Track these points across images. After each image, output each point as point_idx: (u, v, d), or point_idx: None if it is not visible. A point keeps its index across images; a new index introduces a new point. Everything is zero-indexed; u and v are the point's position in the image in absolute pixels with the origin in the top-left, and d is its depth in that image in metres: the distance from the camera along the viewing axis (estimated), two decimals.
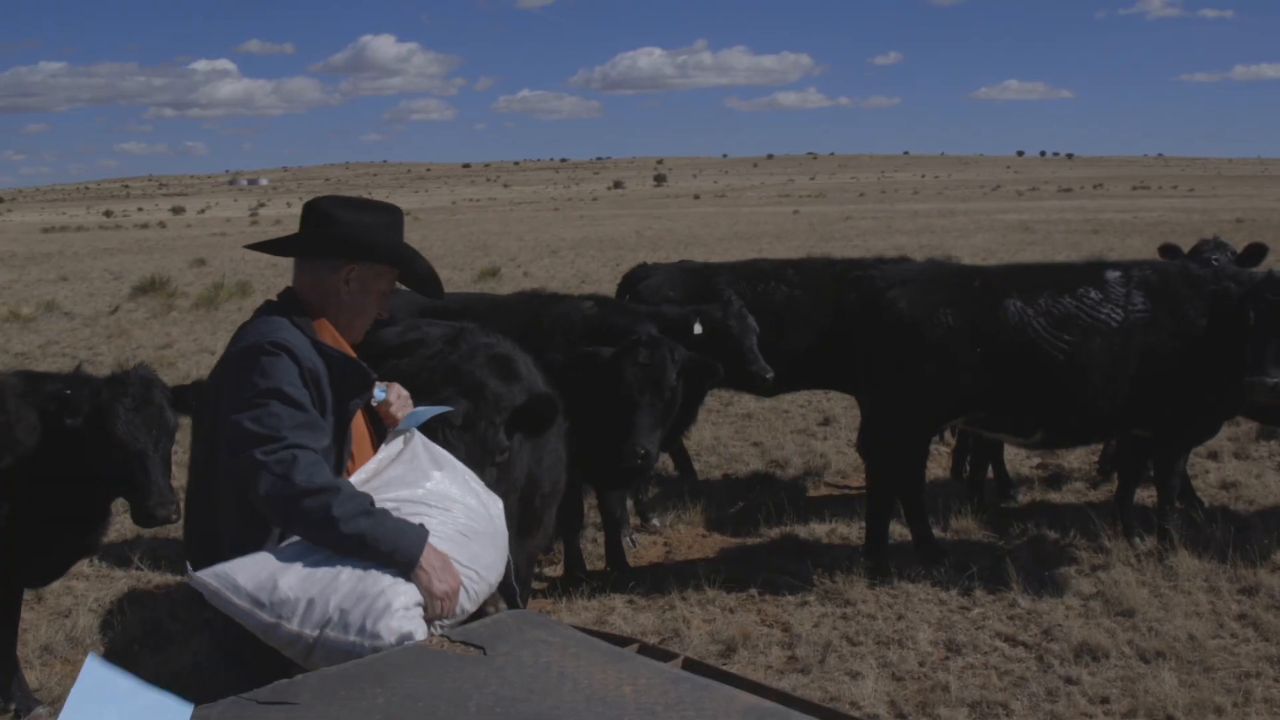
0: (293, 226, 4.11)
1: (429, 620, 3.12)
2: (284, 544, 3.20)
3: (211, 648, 3.97)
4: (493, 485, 3.80)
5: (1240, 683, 5.62)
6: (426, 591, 3.12)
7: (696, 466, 9.87)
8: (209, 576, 3.03)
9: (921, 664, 5.95)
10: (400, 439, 3.54)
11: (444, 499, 3.39)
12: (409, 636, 3.01)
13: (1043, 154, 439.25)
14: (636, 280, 9.51)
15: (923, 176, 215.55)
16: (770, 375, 7.99)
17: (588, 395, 6.32)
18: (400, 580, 3.10)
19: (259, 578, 3.03)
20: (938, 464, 9.81)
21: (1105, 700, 5.49)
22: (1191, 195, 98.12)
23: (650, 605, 6.85)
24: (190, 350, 17.09)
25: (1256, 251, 8.46)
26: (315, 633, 2.99)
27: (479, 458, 3.97)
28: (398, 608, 3.04)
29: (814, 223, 52.75)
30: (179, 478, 4.79)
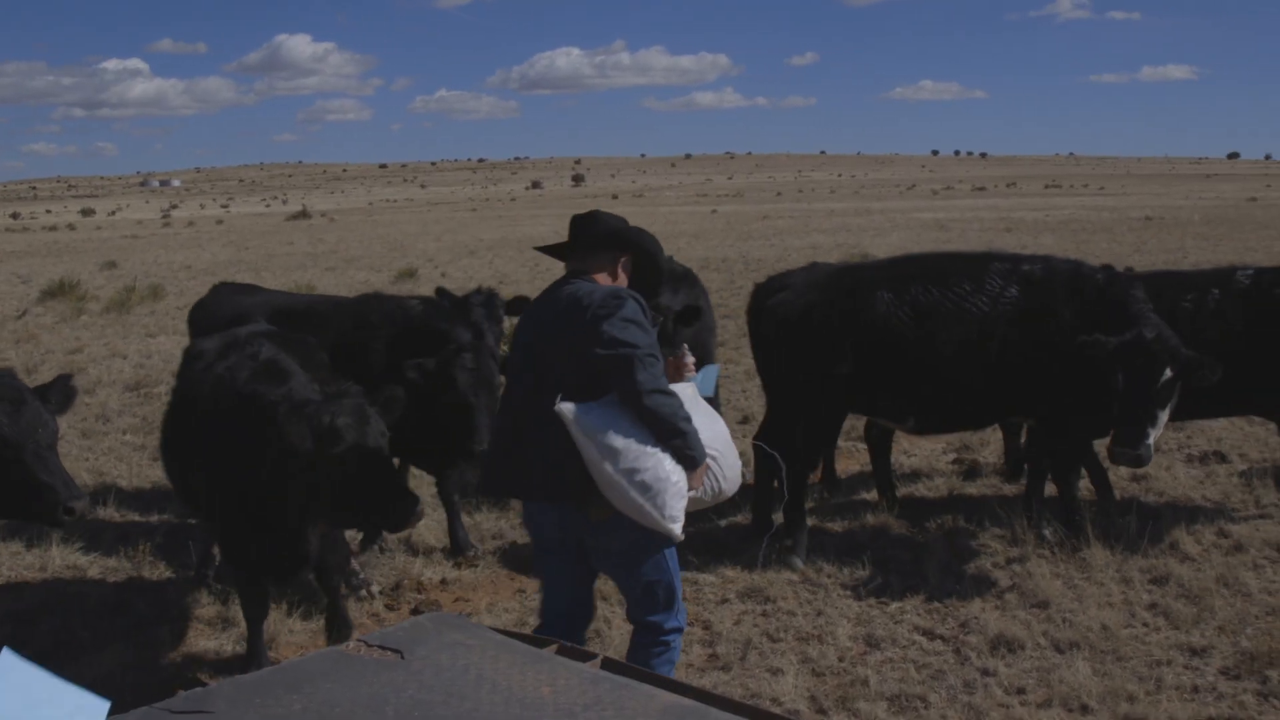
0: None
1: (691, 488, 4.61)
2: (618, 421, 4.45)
3: None
4: None
5: (1152, 670, 5.72)
6: (693, 482, 4.62)
7: None
8: (567, 410, 4.41)
9: (841, 659, 5.99)
10: (685, 385, 4.90)
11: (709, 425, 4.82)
12: (658, 519, 4.45)
13: (957, 153, 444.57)
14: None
15: (839, 176, 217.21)
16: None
17: (417, 392, 6.77)
18: (683, 472, 4.54)
19: (603, 429, 4.40)
20: (855, 460, 9.88)
21: (1021, 691, 5.56)
22: (1102, 194, 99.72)
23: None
24: (101, 355, 16.74)
25: None
26: (622, 480, 4.38)
27: None
28: (677, 494, 4.50)
29: (732, 222, 52.95)
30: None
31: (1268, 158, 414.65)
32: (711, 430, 4.79)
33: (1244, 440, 9.97)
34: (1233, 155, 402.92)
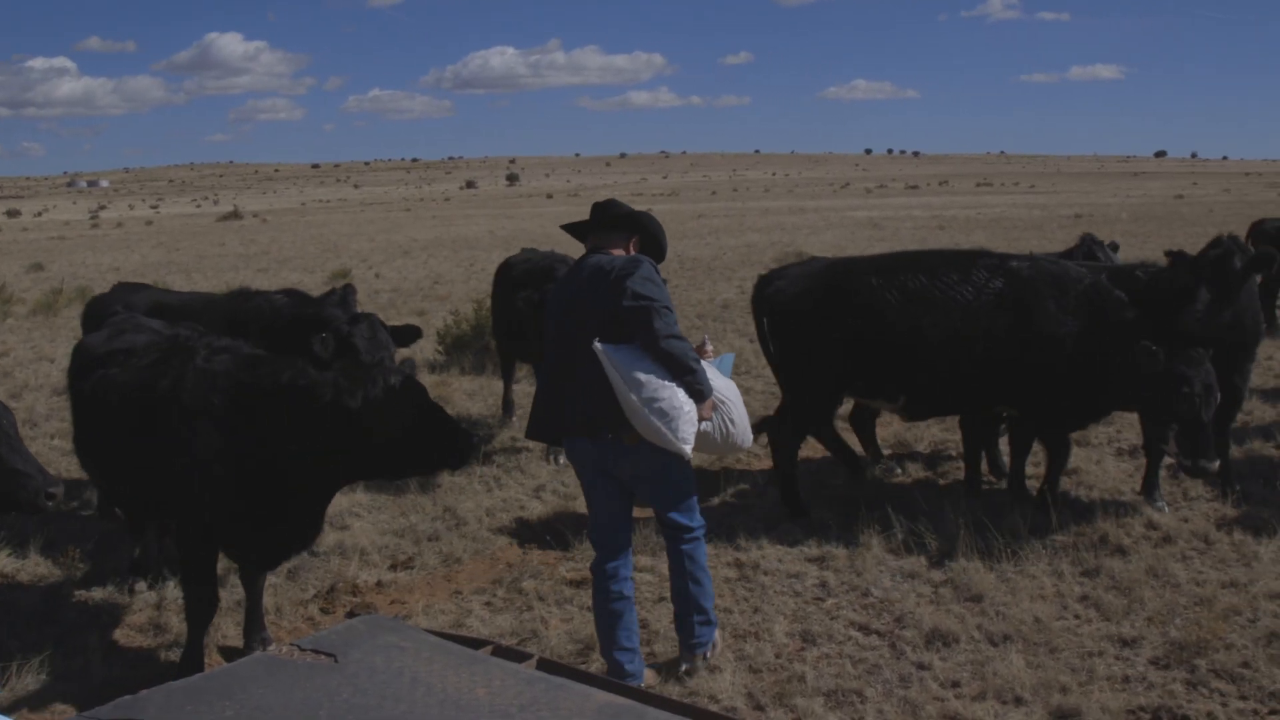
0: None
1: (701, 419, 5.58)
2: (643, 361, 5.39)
3: None
4: None
5: (1084, 661, 5.80)
6: (703, 413, 5.59)
7: (552, 466, 9.84)
8: (601, 348, 5.34)
9: (778, 656, 6.01)
10: (705, 364, 5.75)
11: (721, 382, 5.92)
12: (679, 444, 5.39)
13: (890, 152, 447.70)
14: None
15: (773, 175, 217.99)
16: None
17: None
18: (694, 405, 5.48)
19: (630, 364, 5.35)
20: (812, 447, 9.92)
21: (956, 684, 5.61)
22: (1033, 191, 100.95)
23: (508, 607, 6.80)
24: (28, 359, 16.46)
25: None
26: (644, 407, 5.31)
27: None
28: (689, 419, 5.43)
29: (667, 221, 52.74)
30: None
31: (1194, 156, 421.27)
32: (723, 385, 5.91)
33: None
34: (1160, 154, 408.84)
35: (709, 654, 5.89)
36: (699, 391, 5.50)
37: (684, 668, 5.82)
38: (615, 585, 5.75)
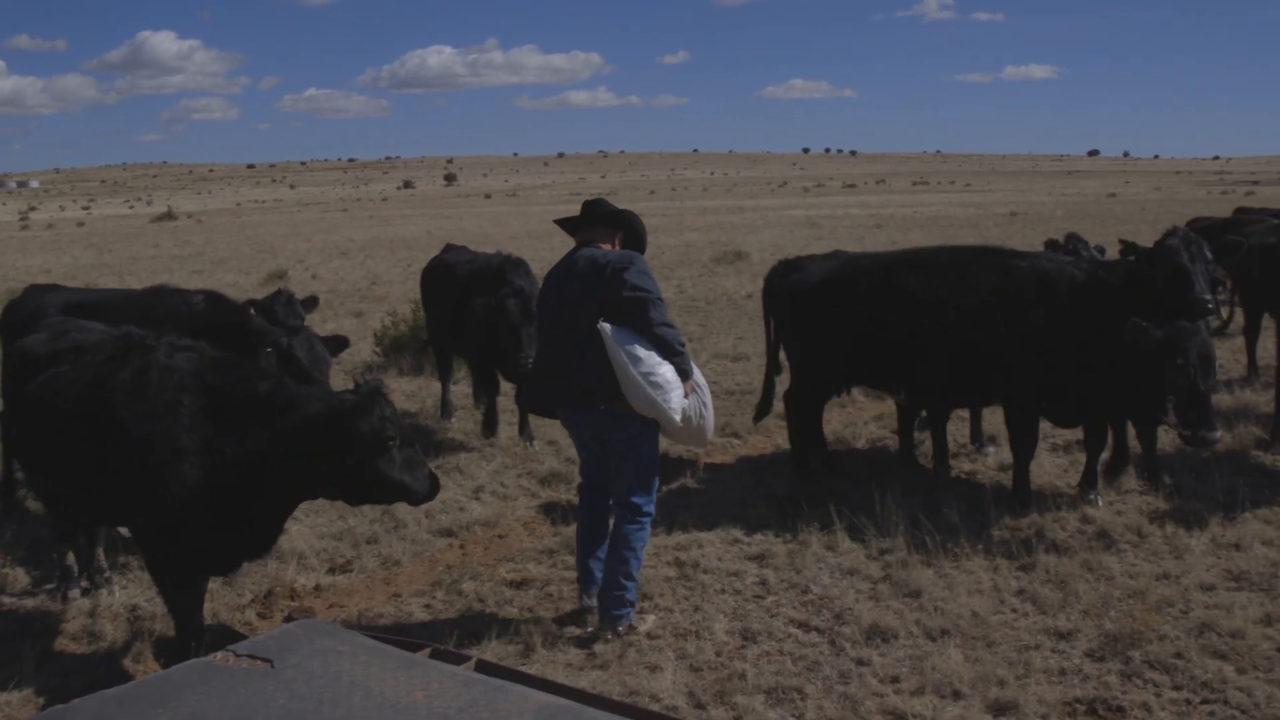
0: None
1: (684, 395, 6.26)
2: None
3: None
4: None
5: (1021, 655, 5.85)
6: (687, 390, 6.31)
7: (492, 467, 9.82)
8: (607, 328, 6.08)
9: (718, 654, 6.02)
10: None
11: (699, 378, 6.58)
12: (669, 414, 6.12)
13: (827, 151, 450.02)
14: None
15: (712, 174, 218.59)
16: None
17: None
18: (680, 382, 6.24)
19: (630, 343, 6.09)
20: (728, 454, 9.94)
21: (895, 679, 5.64)
22: (969, 190, 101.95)
23: (448, 609, 6.77)
24: None
25: None
26: (637, 375, 6.03)
27: None
28: (677, 392, 6.18)
29: None
30: None
31: (1126, 155, 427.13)
32: (699, 376, 6.56)
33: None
34: (1093, 152, 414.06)
35: (623, 629, 6.29)
36: (685, 371, 6.33)
37: (590, 630, 6.38)
38: (596, 510, 6.68)
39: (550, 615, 6.58)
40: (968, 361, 8.34)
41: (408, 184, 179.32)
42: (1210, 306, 8.02)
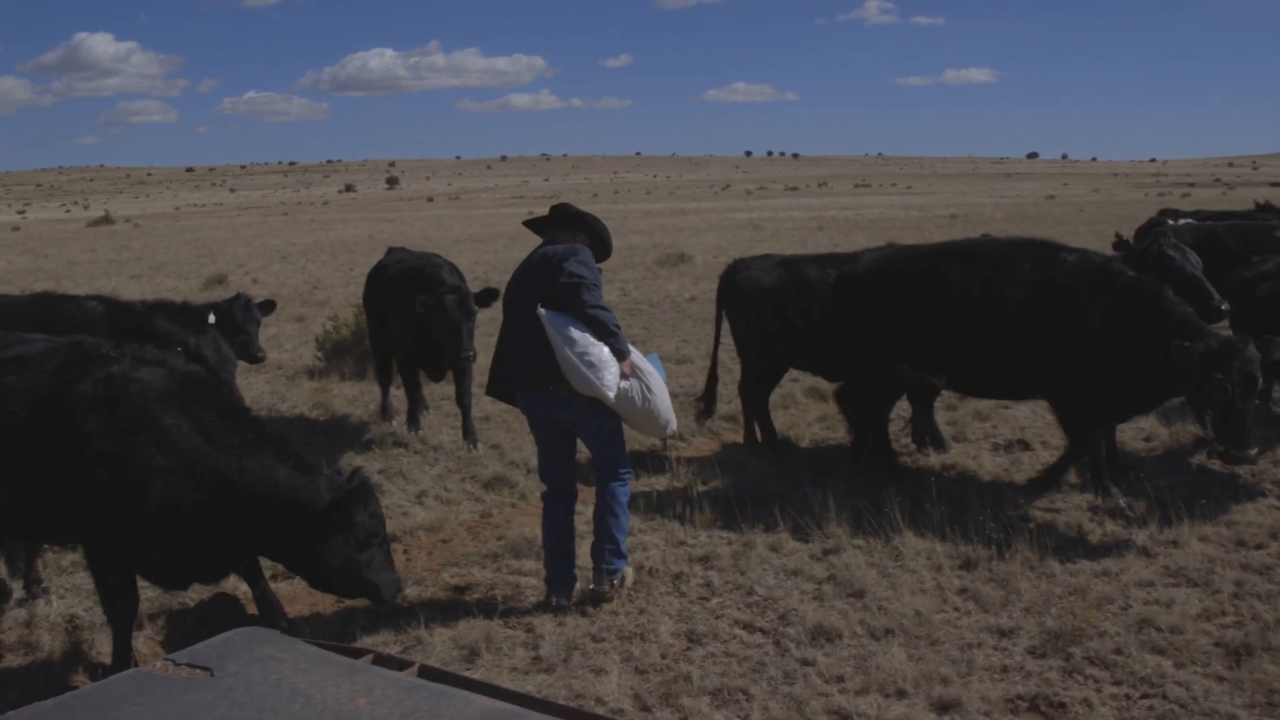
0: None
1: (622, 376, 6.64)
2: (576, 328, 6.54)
3: None
4: None
5: (964, 653, 5.90)
6: (625, 370, 6.67)
7: (435, 471, 9.77)
8: (543, 312, 6.51)
9: (664, 656, 6.02)
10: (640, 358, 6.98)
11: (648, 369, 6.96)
12: (603, 390, 6.49)
13: (770, 154, 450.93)
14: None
15: (654, 177, 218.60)
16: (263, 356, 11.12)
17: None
18: (616, 361, 6.61)
19: (565, 325, 6.53)
20: (695, 447, 9.95)
21: (840, 679, 5.66)
22: (910, 192, 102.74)
23: (391, 614, 6.71)
24: None
25: None
26: (572, 355, 6.44)
27: None
28: (612, 371, 6.55)
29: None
30: None
31: (1064, 157, 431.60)
32: (645, 364, 6.93)
33: (1045, 428, 10.33)
34: (1032, 155, 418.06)
35: (617, 582, 6.83)
36: (620, 351, 6.67)
37: (591, 587, 6.83)
38: (558, 513, 6.93)
39: (495, 619, 6.55)
40: (1012, 353, 8.43)
41: (349, 187, 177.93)
42: (1225, 309, 8.14)
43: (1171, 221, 17.19)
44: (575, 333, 6.51)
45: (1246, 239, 13.04)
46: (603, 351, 6.55)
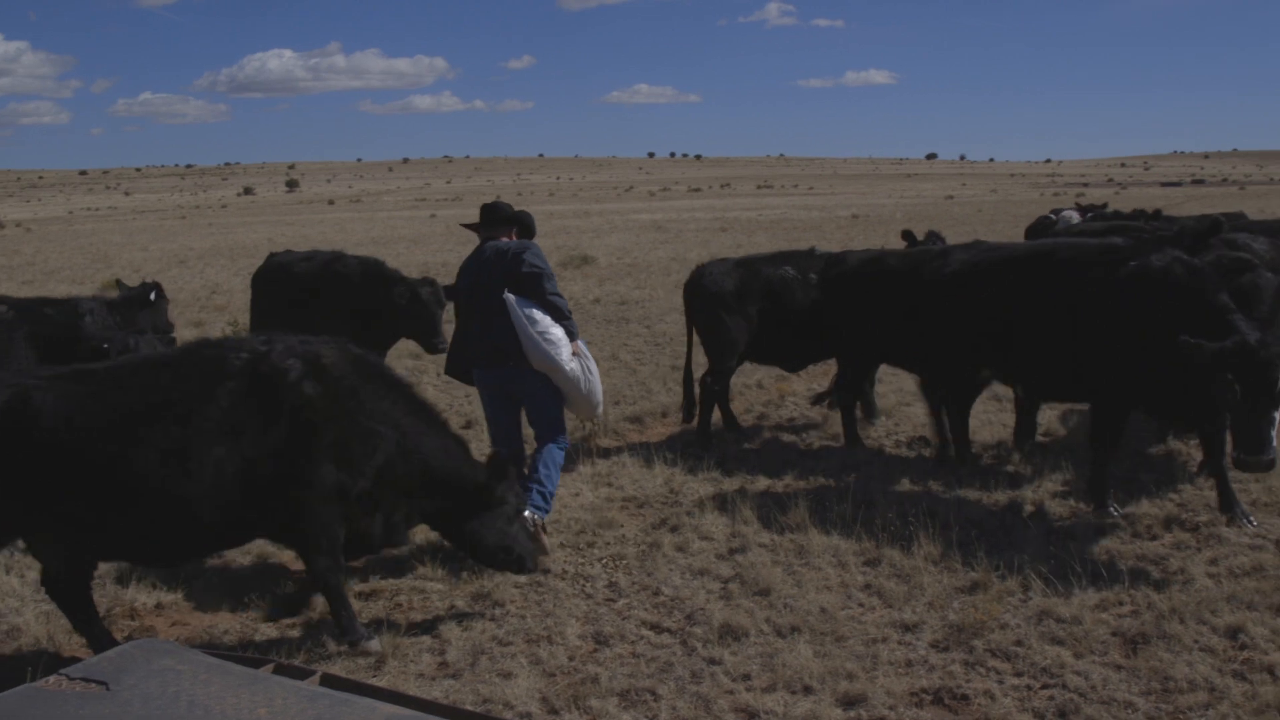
0: None
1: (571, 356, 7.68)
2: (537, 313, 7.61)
3: None
4: None
5: (869, 648, 5.96)
6: (574, 350, 7.70)
7: None
8: (511, 298, 7.55)
9: (571, 658, 6.01)
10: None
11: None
12: (559, 365, 7.52)
13: (673, 155, 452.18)
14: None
15: (558, 179, 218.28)
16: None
17: None
18: (569, 343, 7.66)
19: (528, 308, 7.58)
20: (616, 456, 9.94)
21: (747, 677, 5.69)
22: (811, 193, 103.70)
23: (294, 622, 6.62)
24: None
25: None
26: (535, 334, 7.45)
27: None
28: (566, 349, 7.60)
29: (452, 227, 52.63)
30: None
31: (962, 158, 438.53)
32: (586, 350, 7.97)
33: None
34: (931, 156, 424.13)
35: (537, 520, 7.39)
36: (572, 332, 7.78)
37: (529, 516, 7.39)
38: (551, 448, 7.84)
39: (401, 626, 6.48)
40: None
41: (248, 190, 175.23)
42: None
43: (1053, 216, 17.85)
44: (537, 314, 7.55)
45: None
46: (560, 331, 7.62)
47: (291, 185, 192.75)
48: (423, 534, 7.91)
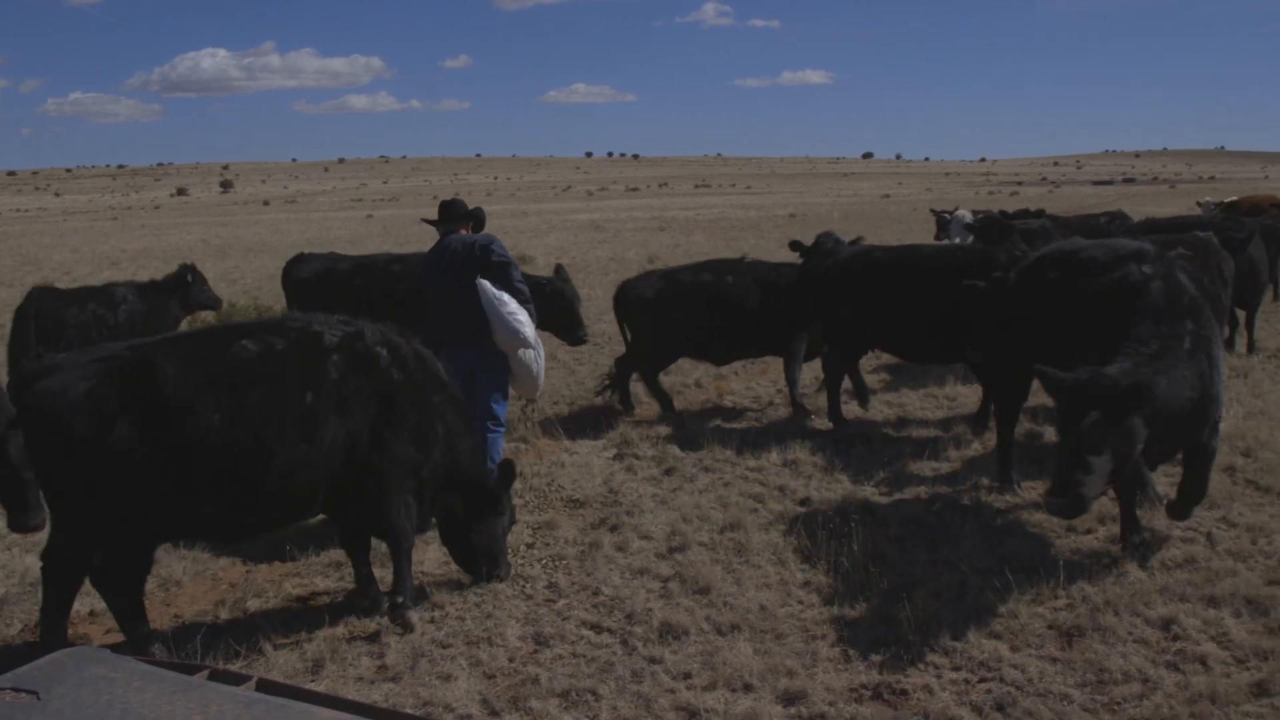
0: None
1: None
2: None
3: None
4: None
5: (809, 646, 5.99)
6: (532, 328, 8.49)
7: None
8: (485, 284, 8.37)
9: (511, 659, 6.00)
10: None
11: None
12: (527, 341, 8.38)
13: (610, 155, 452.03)
14: None
15: (495, 178, 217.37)
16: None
17: None
18: (532, 324, 8.43)
19: (500, 293, 8.34)
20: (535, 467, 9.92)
21: (688, 675, 5.70)
22: (749, 193, 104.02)
23: (232, 628, 6.55)
24: None
25: None
26: (505, 313, 8.23)
27: None
28: (531, 328, 8.41)
29: (388, 227, 52.34)
30: None
31: (898, 157, 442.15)
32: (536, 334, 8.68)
33: (875, 423, 10.54)
34: (867, 155, 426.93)
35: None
36: (533, 316, 8.59)
37: None
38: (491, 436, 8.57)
39: (340, 629, 6.44)
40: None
41: (181, 191, 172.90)
42: None
43: (948, 215, 18.21)
44: (507, 298, 8.39)
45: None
46: (525, 314, 8.46)
47: (226, 186, 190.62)
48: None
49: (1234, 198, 28.72)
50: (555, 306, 11.05)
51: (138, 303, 12.11)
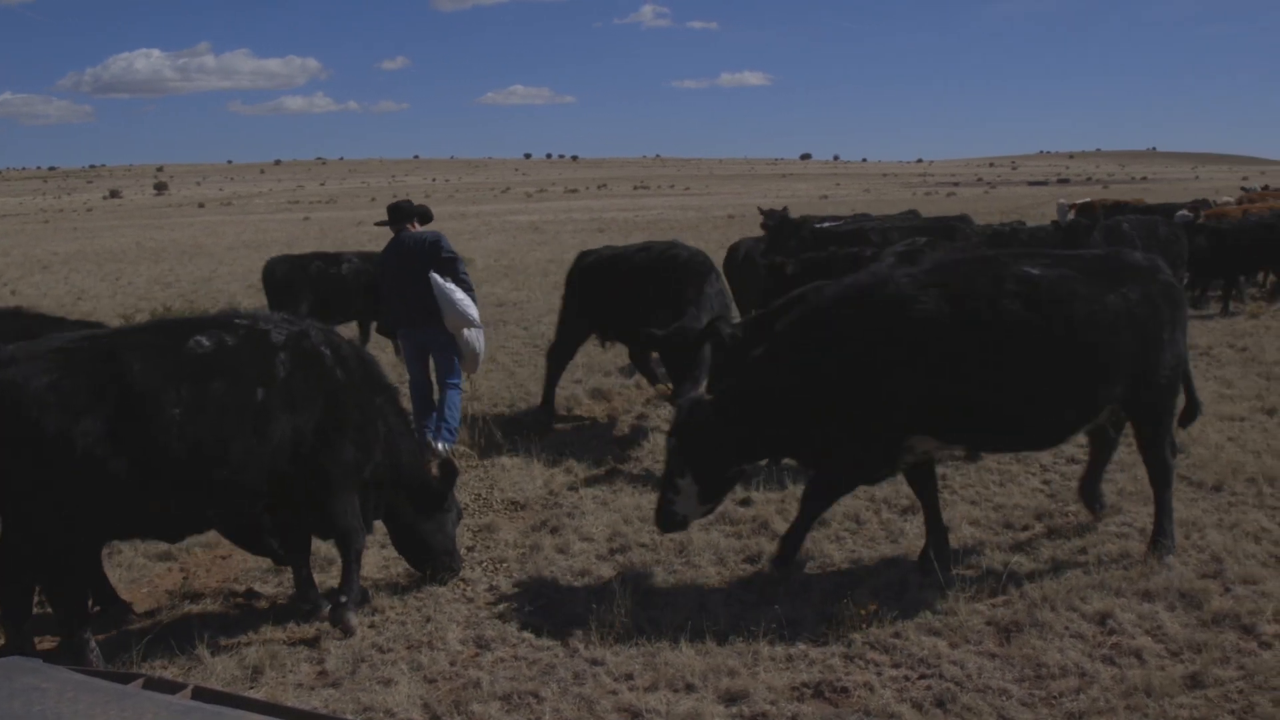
0: None
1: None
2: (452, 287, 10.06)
3: None
4: None
5: (750, 645, 6.00)
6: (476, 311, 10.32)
7: None
8: (437, 277, 9.95)
9: (453, 663, 5.97)
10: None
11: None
12: (474, 322, 10.16)
13: (549, 156, 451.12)
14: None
15: (433, 180, 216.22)
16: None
17: None
18: (475, 311, 10.21)
19: (449, 283, 9.99)
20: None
21: (630, 676, 5.70)
22: (688, 194, 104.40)
23: (169, 635, 6.46)
24: None
25: None
26: (455, 299, 9.95)
27: None
28: (475, 311, 10.20)
29: (326, 229, 51.95)
30: None
31: (836, 158, 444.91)
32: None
33: None
34: (805, 156, 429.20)
35: (449, 447, 9.95)
36: (475, 301, 10.13)
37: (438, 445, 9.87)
38: (423, 401, 10.36)
39: (279, 634, 6.38)
40: None
41: (114, 193, 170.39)
42: None
43: (822, 226, 18.59)
44: (454, 288, 9.90)
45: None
46: (469, 300, 9.98)
47: (160, 188, 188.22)
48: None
49: (1087, 199, 30.90)
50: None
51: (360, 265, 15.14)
